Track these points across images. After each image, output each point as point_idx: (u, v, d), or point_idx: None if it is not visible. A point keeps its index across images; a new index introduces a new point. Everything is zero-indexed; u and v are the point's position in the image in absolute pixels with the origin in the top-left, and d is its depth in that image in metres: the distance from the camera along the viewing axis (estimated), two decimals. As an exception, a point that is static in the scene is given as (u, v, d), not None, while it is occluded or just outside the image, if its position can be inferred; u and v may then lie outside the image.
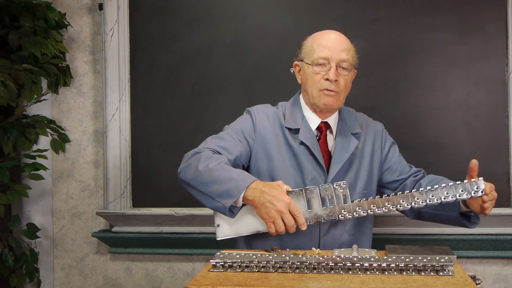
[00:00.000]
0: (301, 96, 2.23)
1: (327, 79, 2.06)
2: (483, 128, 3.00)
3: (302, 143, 2.11)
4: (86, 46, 3.39)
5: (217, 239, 1.97)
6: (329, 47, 2.07)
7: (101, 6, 3.26)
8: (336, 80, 2.06)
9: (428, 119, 3.03)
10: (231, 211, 1.90)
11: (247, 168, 2.18)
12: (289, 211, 1.82)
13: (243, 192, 1.86)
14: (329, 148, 2.15)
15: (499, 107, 2.99)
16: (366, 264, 1.58)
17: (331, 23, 3.02)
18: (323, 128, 2.16)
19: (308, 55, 2.12)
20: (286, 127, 2.15)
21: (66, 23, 3.31)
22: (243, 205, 1.92)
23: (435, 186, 1.85)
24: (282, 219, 1.82)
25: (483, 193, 1.84)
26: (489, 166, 2.98)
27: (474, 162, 1.90)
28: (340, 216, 1.86)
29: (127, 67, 3.24)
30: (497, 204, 2.94)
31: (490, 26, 3.00)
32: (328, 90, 2.07)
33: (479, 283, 1.64)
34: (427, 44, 3.04)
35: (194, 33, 3.21)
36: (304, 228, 1.84)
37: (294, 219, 1.83)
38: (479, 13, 3.00)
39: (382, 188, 2.30)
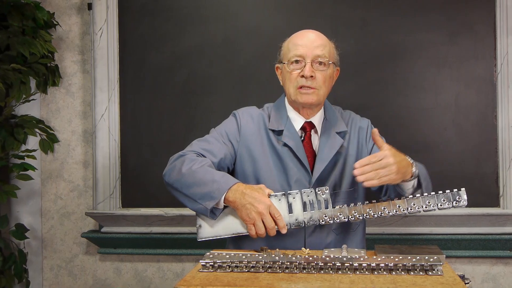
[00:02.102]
0: (286, 99, 2.23)
1: (303, 76, 2.06)
2: (472, 128, 3.02)
3: (285, 144, 2.11)
4: (75, 46, 3.37)
5: (198, 239, 1.97)
6: (304, 45, 2.08)
7: (90, 6, 3.25)
8: (312, 76, 2.05)
9: (418, 119, 3.04)
10: (213, 213, 1.90)
11: (232, 170, 2.18)
12: (270, 213, 1.83)
13: (225, 194, 1.87)
14: (314, 148, 2.14)
15: (488, 107, 3.00)
16: (355, 264, 1.58)
17: (321, 23, 3.03)
18: (308, 128, 2.15)
19: (285, 55, 2.14)
20: (270, 129, 2.15)
21: (55, 22, 3.30)
22: (225, 207, 1.92)
23: (417, 195, 1.85)
24: (263, 221, 1.82)
25: (466, 203, 1.84)
26: (478, 166, 3.00)
27: (374, 131, 1.89)
28: (321, 221, 1.87)
29: (116, 67, 3.23)
30: (486, 204, 2.98)
31: (479, 27, 3.01)
32: (305, 87, 2.07)
33: (467, 283, 1.65)
34: (416, 44, 3.05)
35: (184, 33, 3.20)
36: (284, 231, 1.85)
37: (275, 221, 1.83)
38: (468, 14, 3.01)
39: None
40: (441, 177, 3.00)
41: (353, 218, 1.87)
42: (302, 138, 2.14)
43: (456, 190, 1.85)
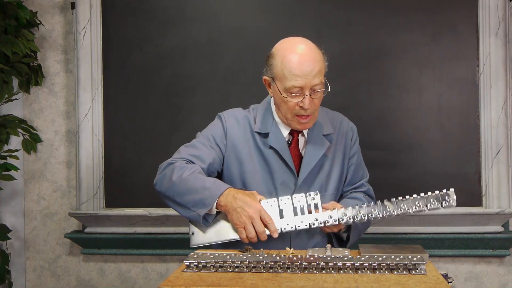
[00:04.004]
0: (272, 101, 2.20)
1: (302, 107, 2.00)
2: (454, 128, 3.04)
3: (271, 147, 2.10)
4: (58, 45, 3.35)
5: (191, 246, 1.97)
6: (302, 76, 1.96)
7: (73, 5, 3.23)
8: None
9: (401, 119, 3.06)
10: (205, 219, 1.91)
11: (220, 173, 2.18)
12: (261, 217, 1.83)
13: (217, 200, 1.87)
14: (301, 151, 2.14)
15: (471, 108, 3.03)
16: (339, 264, 1.58)
17: (305, 24, 3.04)
18: (295, 132, 2.14)
19: (279, 80, 2.01)
20: (256, 132, 2.14)
21: (38, 21, 3.27)
22: (218, 213, 1.92)
23: (407, 196, 1.86)
24: (253, 225, 1.83)
25: (455, 203, 1.85)
26: (460, 165, 3.02)
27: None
28: (312, 225, 1.88)
29: (100, 66, 3.21)
30: (469, 204, 3.00)
31: (462, 27, 3.03)
32: (303, 116, 2.05)
33: (450, 282, 1.66)
34: (399, 45, 3.06)
35: (168, 33, 3.19)
36: (275, 235, 1.85)
37: (266, 226, 1.83)
38: (450, 15, 3.03)
39: None
40: (424, 177, 3.02)
41: (343, 221, 1.87)
42: (289, 142, 2.13)
43: (445, 190, 1.84)
